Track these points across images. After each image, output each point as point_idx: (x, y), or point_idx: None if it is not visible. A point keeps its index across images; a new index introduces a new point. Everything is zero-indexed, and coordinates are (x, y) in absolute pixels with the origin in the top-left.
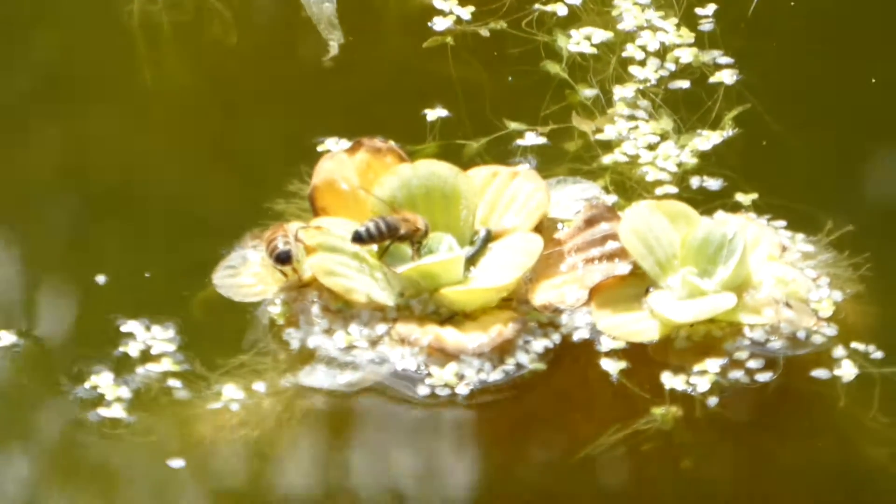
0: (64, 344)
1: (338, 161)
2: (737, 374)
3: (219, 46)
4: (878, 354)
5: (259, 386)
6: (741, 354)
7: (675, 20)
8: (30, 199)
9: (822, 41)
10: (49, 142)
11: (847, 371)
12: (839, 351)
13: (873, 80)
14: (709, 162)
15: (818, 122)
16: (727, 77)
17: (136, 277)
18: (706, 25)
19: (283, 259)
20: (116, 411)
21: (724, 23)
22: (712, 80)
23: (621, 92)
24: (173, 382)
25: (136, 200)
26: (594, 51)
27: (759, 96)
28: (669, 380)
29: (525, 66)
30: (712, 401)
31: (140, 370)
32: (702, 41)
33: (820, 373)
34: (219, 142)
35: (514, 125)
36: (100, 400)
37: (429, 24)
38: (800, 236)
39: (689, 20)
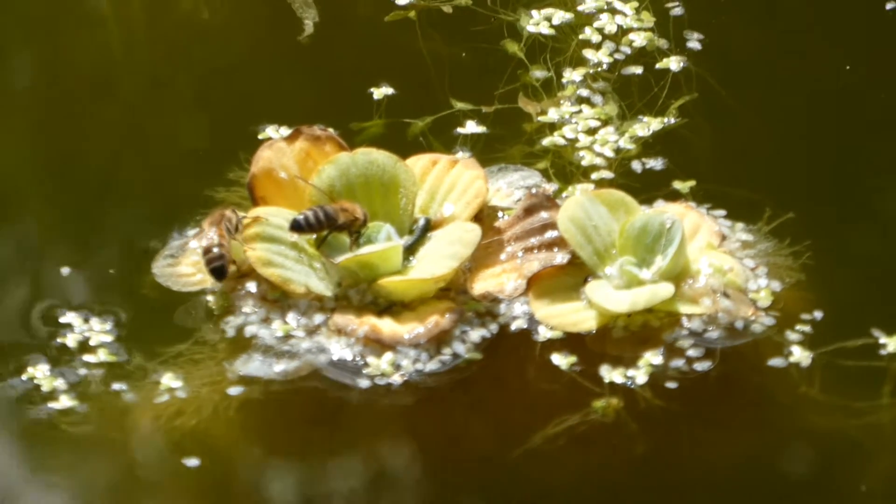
0: (2, 335)
1: (276, 150)
2: (675, 365)
3: (189, 24)
4: (817, 341)
5: (197, 375)
6: (679, 345)
7: (635, 3)
8: None
9: (792, 28)
10: (13, 115)
11: (784, 359)
12: (780, 338)
13: (847, 67)
14: (648, 149)
15: (767, 111)
16: (674, 64)
17: (77, 264)
18: (675, 10)
19: (217, 274)
20: (54, 402)
21: (690, 7)
22: (659, 65)
23: (571, 75)
24: (110, 373)
25: (84, 182)
26: (552, 32)
27: (711, 84)
28: (608, 372)
29: (486, 44)
30: (651, 391)
31: (77, 361)
32: (664, 26)
33: (759, 360)
34: (172, 124)
35: (460, 105)
36: (36, 391)
37: None
38: (739, 225)
39: (656, 3)
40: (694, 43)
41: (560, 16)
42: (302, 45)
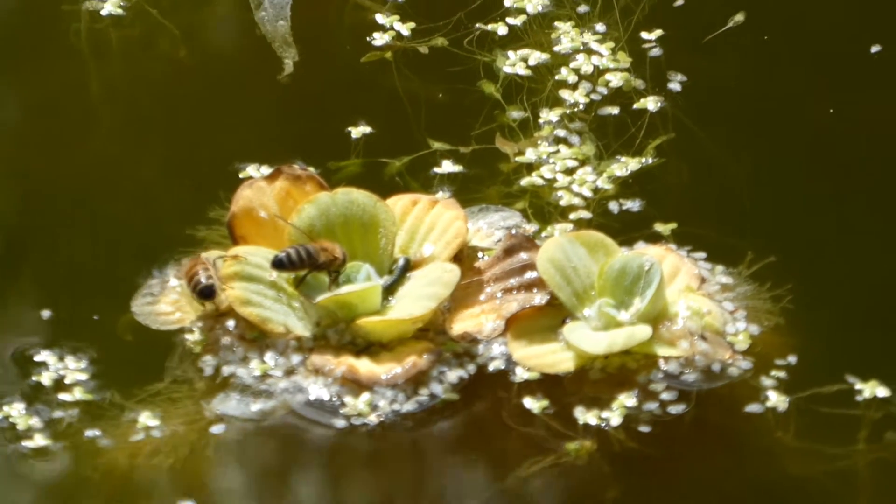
0: None
1: (257, 189)
2: (650, 407)
3: (168, 62)
4: (793, 385)
5: (174, 414)
6: (655, 387)
7: (611, 44)
8: None
9: (774, 69)
10: None
11: (760, 404)
12: (756, 382)
13: (831, 111)
14: (626, 189)
15: (747, 153)
16: (651, 104)
17: (54, 304)
18: (652, 51)
19: (206, 294)
20: (29, 441)
21: (669, 48)
22: (636, 106)
23: (548, 115)
24: (86, 411)
25: (65, 221)
26: (529, 72)
27: (689, 124)
28: (583, 414)
29: (463, 85)
30: (625, 434)
31: (53, 400)
32: (641, 66)
33: (735, 403)
34: (152, 163)
35: (437, 145)
36: (11, 430)
37: (367, 39)
38: (720, 268)
39: (633, 44)
40: (675, 84)
41: (536, 56)
42: (281, 84)
